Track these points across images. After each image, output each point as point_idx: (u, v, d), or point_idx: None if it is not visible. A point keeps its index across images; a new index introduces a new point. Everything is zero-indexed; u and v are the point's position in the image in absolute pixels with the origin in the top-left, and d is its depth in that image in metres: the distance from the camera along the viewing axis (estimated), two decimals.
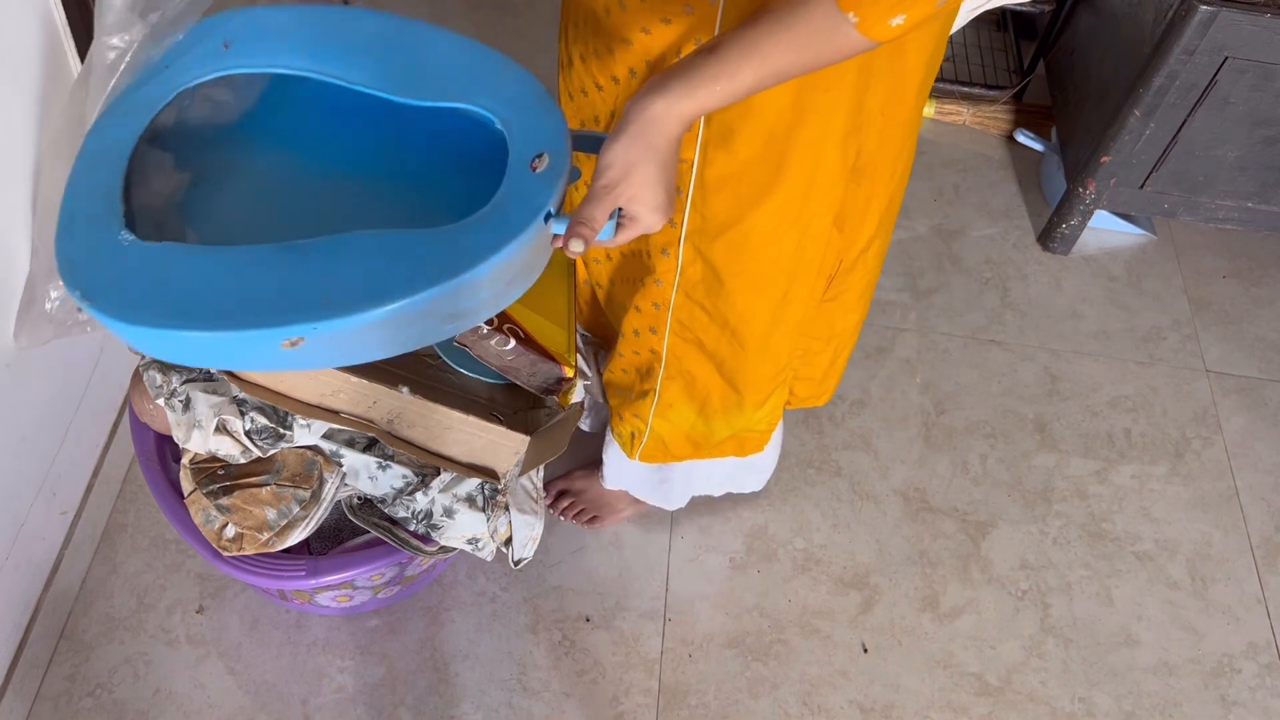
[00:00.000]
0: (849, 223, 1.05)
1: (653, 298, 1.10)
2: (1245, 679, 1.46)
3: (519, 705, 1.35)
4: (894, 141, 0.99)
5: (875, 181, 1.02)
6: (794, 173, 0.95)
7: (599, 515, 1.50)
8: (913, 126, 1.01)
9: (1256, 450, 1.71)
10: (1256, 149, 1.70)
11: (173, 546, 1.43)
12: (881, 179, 1.03)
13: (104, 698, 1.31)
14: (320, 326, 0.74)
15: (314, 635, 1.38)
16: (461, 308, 0.79)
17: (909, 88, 0.95)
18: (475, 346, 1.07)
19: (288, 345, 0.75)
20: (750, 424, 1.23)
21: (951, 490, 1.62)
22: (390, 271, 0.76)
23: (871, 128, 0.95)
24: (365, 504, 1.15)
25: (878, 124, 0.95)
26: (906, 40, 0.89)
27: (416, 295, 0.74)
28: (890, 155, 1.00)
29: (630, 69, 0.94)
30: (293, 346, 0.75)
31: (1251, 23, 1.52)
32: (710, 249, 1.02)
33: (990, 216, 2.02)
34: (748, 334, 1.10)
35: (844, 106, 0.91)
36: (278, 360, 0.77)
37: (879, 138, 0.97)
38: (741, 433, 1.25)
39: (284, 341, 0.75)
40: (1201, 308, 1.91)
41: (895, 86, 0.93)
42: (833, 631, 1.45)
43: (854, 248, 1.10)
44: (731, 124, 0.92)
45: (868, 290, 1.19)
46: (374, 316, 0.74)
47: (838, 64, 0.81)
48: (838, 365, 1.30)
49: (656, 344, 1.15)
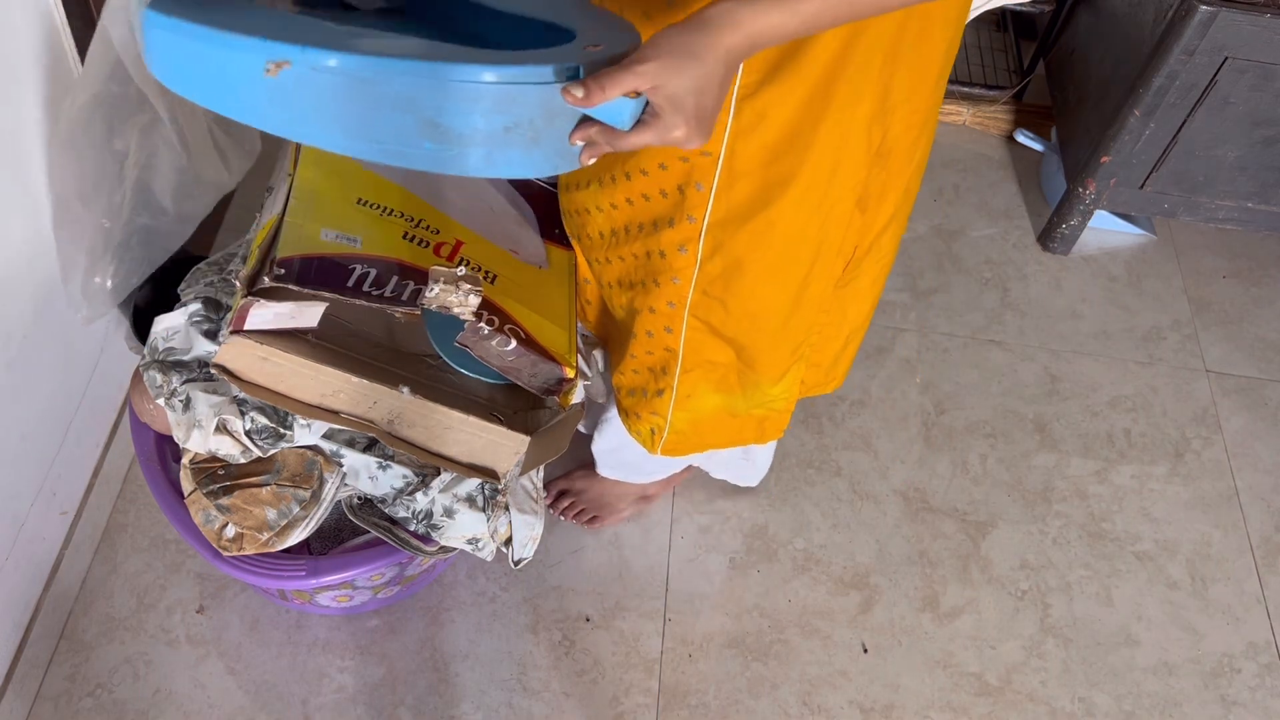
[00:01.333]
0: (869, 204, 1.05)
1: (668, 297, 1.10)
2: (1245, 679, 1.46)
3: (519, 705, 1.35)
4: (914, 127, 0.99)
5: (895, 165, 1.03)
6: (819, 158, 0.95)
7: (599, 515, 1.50)
8: (932, 113, 1.01)
9: (1256, 450, 1.71)
10: (1256, 149, 1.70)
11: (173, 546, 1.43)
12: (899, 163, 1.03)
13: (104, 698, 1.31)
14: (308, 54, 0.72)
15: (314, 635, 1.38)
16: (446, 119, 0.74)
17: (930, 74, 0.96)
18: (476, 347, 1.07)
19: (272, 69, 0.73)
20: (768, 400, 1.22)
21: (951, 490, 1.62)
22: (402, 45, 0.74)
23: (896, 113, 0.95)
24: (365, 504, 1.15)
25: (902, 110, 0.95)
26: (933, 23, 0.90)
27: (405, 62, 0.72)
28: (909, 140, 1.01)
29: None
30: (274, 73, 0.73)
31: (1251, 23, 1.52)
32: (734, 238, 1.02)
33: (990, 216, 2.02)
34: (767, 318, 1.09)
35: (870, 92, 0.91)
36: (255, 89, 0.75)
37: (902, 123, 0.97)
38: (760, 410, 1.24)
39: (268, 63, 0.73)
40: (1201, 308, 1.91)
41: (918, 72, 0.94)
42: (833, 631, 1.45)
43: (871, 230, 1.10)
44: (762, 111, 0.92)
45: (880, 277, 1.19)
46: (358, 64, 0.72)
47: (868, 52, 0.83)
48: (848, 352, 1.29)
49: (672, 342, 1.15)
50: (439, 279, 1.01)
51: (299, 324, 1.04)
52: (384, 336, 1.11)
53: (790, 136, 0.93)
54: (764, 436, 1.28)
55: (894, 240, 1.14)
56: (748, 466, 1.47)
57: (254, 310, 0.98)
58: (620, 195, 1.06)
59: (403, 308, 1.02)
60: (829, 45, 0.87)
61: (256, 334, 1.00)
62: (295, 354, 1.01)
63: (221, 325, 1.12)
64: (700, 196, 0.99)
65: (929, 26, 0.90)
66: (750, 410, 1.23)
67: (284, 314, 1.00)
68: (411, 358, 1.10)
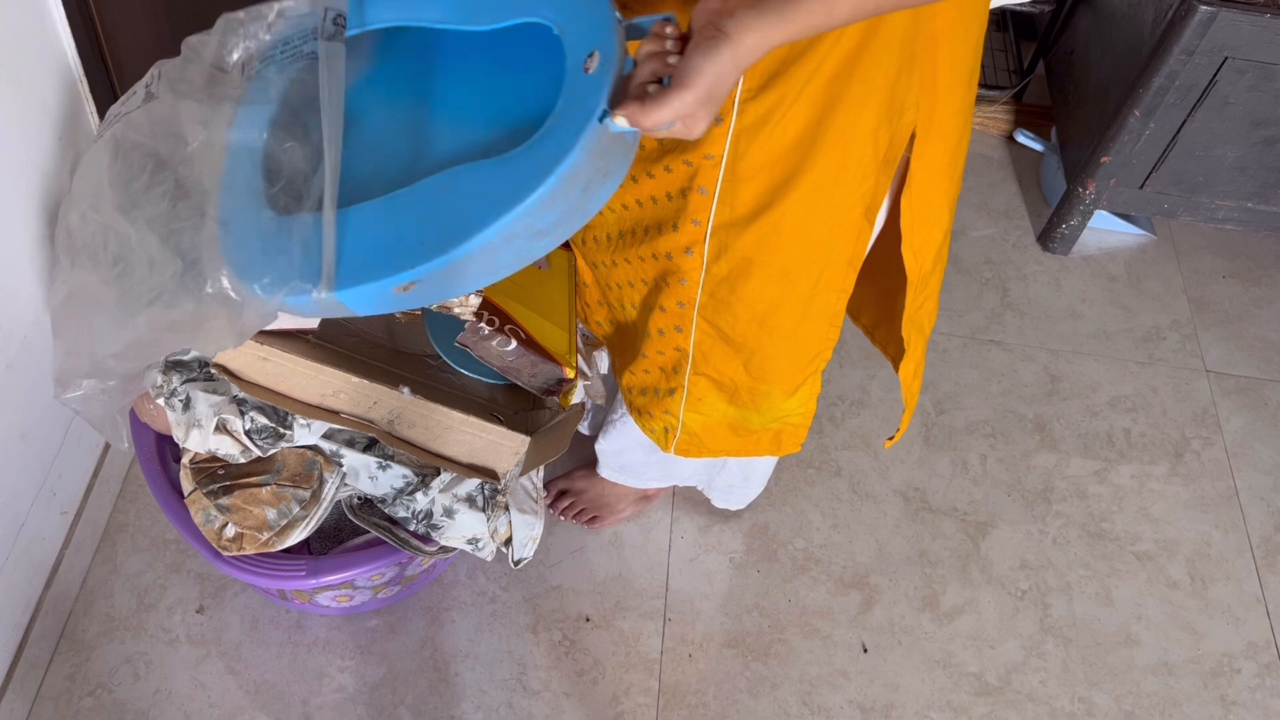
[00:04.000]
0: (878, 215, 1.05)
1: (678, 297, 1.10)
2: (1245, 679, 1.46)
3: (519, 705, 1.35)
4: (952, 134, 0.99)
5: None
6: (824, 161, 0.95)
7: (599, 515, 1.50)
8: (960, 121, 1.00)
9: (1256, 450, 1.71)
10: (1256, 149, 1.70)
11: (173, 546, 1.43)
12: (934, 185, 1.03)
13: (104, 698, 1.31)
14: (421, 270, 0.81)
15: (314, 635, 1.38)
16: (542, 225, 0.82)
17: (958, 78, 0.95)
18: (476, 347, 1.07)
19: (400, 290, 0.83)
20: (783, 414, 1.22)
21: (951, 490, 1.62)
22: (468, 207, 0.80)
23: (904, 117, 0.95)
24: (365, 504, 1.15)
25: (910, 115, 0.95)
26: (939, 38, 0.90)
27: (492, 226, 0.79)
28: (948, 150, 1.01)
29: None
30: (405, 291, 0.83)
31: (1251, 23, 1.52)
32: (739, 239, 1.02)
33: (990, 216, 2.02)
34: (777, 323, 1.09)
35: (877, 96, 0.91)
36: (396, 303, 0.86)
37: (907, 130, 0.97)
38: (776, 424, 1.24)
39: (395, 288, 0.83)
40: (1201, 308, 1.91)
41: (937, 77, 0.93)
42: (832, 631, 1.45)
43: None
44: (765, 115, 0.92)
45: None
46: (464, 252, 0.80)
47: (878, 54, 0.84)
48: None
49: (682, 342, 1.15)
50: None
51: (300, 324, 1.04)
52: (384, 337, 1.11)
53: (794, 139, 0.93)
54: (780, 449, 1.28)
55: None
56: (747, 489, 1.47)
57: None
58: (630, 197, 1.06)
59: None
60: (834, 49, 0.87)
61: (257, 334, 1.00)
62: (296, 354, 1.02)
63: None
64: (704, 200, 0.99)
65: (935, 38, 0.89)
66: (766, 424, 1.23)
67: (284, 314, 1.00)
68: (412, 358, 1.10)
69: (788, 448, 1.27)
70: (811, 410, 1.24)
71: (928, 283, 1.11)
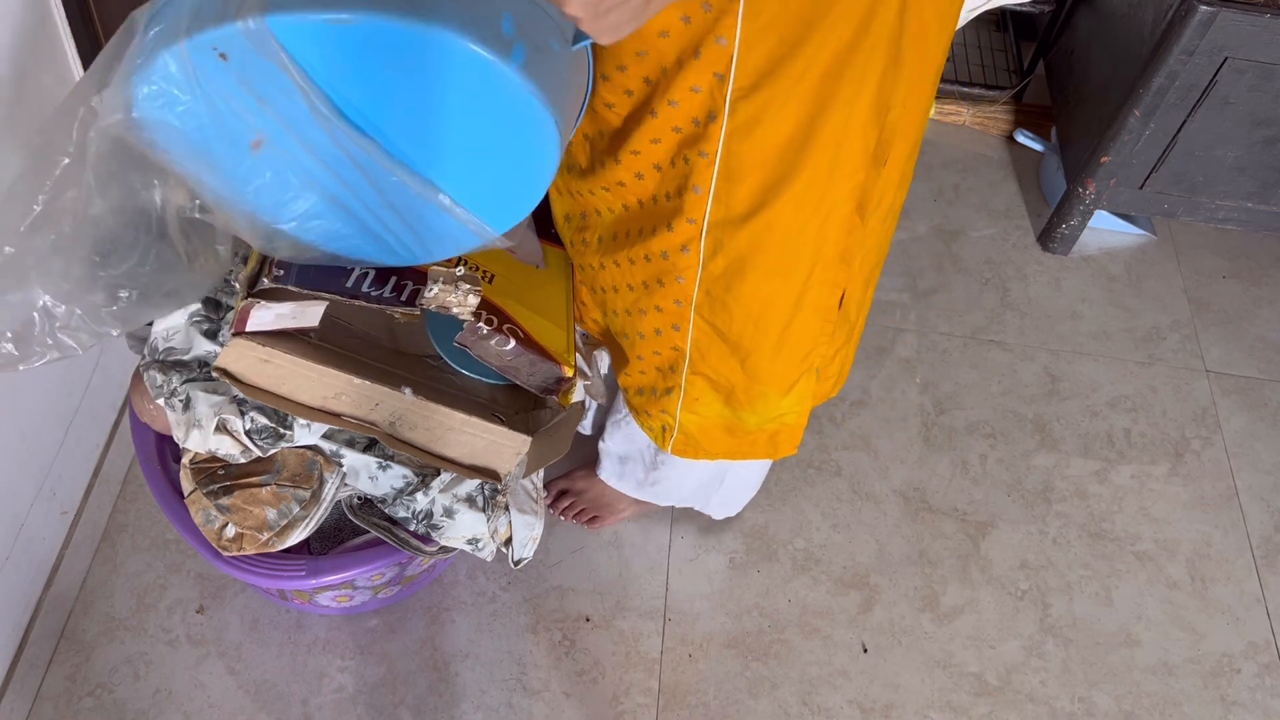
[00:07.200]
0: (868, 210, 1.06)
1: (674, 295, 1.10)
2: (1245, 679, 1.46)
3: (519, 705, 1.35)
4: (911, 130, 1.01)
5: (889, 169, 1.03)
6: (816, 159, 0.95)
7: (599, 515, 1.50)
8: (923, 118, 1.02)
9: (1256, 450, 1.71)
10: (1256, 149, 1.70)
11: (173, 546, 1.43)
12: (894, 166, 1.04)
13: (104, 698, 1.31)
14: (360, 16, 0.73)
15: (314, 635, 1.38)
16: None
17: (926, 78, 0.97)
18: (475, 346, 1.07)
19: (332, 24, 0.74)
20: (779, 413, 1.22)
21: (951, 490, 1.62)
22: None
23: (890, 115, 0.96)
24: (365, 504, 1.15)
25: (895, 113, 0.96)
26: (929, 29, 0.91)
27: None
28: (907, 147, 1.02)
29: (645, 78, 0.94)
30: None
31: (1251, 23, 1.52)
32: (734, 237, 1.02)
33: (990, 216, 2.02)
34: (770, 321, 1.10)
35: (867, 93, 0.92)
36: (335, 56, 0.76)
37: (892, 128, 0.98)
38: (772, 424, 1.24)
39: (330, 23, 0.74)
40: (1201, 308, 1.91)
41: (916, 75, 0.95)
42: (832, 631, 1.45)
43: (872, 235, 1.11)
44: (756, 113, 0.92)
45: (873, 274, 1.19)
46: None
47: (869, 53, 0.85)
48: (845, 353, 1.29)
49: (680, 340, 1.15)
50: (438, 279, 1.01)
51: (300, 324, 1.04)
52: (385, 337, 1.11)
53: (786, 137, 0.94)
54: (777, 452, 1.28)
55: (883, 239, 1.15)
56: (742, 495, 1.48)
57: (255, 312, 0.98)
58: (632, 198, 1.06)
59: (402, 308, 1.02)
60: (824, 48, 0.88)
61: (259, 336, 1.00)
62: (297, 356, 1.01)
63: (222, 325, 1.12)
64: (698, 199, 0.99)
65: (926, 30, 0.91)
66: (762, 425, 1.23)
67: (285, 314, 1.00)
68: (412, 358, 1.10)
69: (784, 450, 1.28)
70: (807, 410, 1.24)
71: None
